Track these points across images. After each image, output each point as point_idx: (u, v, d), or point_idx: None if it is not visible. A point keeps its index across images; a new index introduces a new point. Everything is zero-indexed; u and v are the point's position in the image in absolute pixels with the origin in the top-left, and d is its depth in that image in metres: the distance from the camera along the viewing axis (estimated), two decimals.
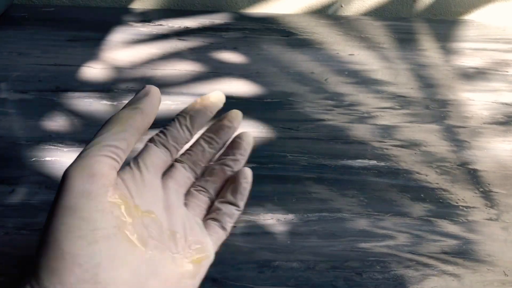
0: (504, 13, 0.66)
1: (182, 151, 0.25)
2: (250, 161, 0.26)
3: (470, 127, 0.43)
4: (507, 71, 0.52)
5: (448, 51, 0.55)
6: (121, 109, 0.22)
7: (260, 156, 0.39)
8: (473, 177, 0.38)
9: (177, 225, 0.22)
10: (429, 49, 0.55)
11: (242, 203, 0.25)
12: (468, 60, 0.54)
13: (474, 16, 0.66)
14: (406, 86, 0.49)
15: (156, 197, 0.23)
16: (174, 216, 0.23)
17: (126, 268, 0.19)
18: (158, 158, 0.23)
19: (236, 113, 0.26)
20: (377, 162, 0.39)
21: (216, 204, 0.25)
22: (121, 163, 0.21)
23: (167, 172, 0.25)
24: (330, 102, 0.46)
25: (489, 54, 0.55)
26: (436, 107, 0.46)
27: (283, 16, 0.62)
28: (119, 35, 0.55)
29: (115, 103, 0.44)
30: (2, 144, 0.39)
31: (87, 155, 0.19)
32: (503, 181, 0.37)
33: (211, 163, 0.26)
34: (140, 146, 0.24)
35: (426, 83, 0.49)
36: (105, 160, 0.20)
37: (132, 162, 0.23)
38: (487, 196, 0.36)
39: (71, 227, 0.18)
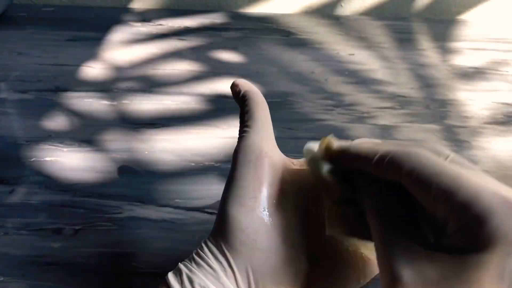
0: (504, 13, 0.66)
1: None
2: None
3: (470, 127, 0.43)
4: (507, 71, 0.52)
5: (447, 51, 0.55)
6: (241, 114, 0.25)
7: None
8: None
9: None
10: (429, 49, 0.55)
11: None
12: (468, 60, 0.54)
13: (474, 16, 0.66)
14: (406, 86, 0.49)
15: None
16: None
17: (284, 240, 0.20)
18: None
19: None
20: None
21: None
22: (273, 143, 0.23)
23: None
24: (330, 102, 0.46)
25: (488, 54, 0.55)
26: (436, 107, 0.46)
27: (283, 16, 0.62)
28: (119, 35, 0.55)
29: (114, 103, 0.44)
30: (2, 144, 0.39)
31: (249, 135, 0.23)
32: (503, 181, 0.37)
33: None
34: None
35: (426, 83, 0.49)
36: (258, 136, 0.22)
37: None
38: None
39: (234, 194, 0.21)
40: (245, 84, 0.26)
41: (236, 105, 0.26)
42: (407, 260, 0.16)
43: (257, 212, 0.20)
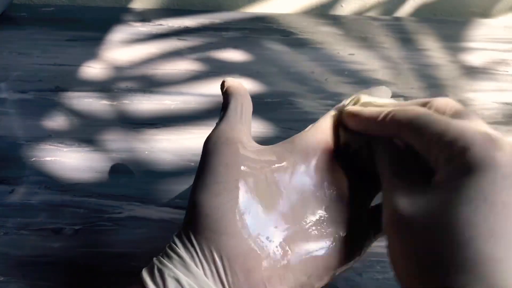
0: (503, 13, 0.66)
1: None
2: None
3: None
4: (507, 71, 0.52)
5: (448, 51, 0.55)
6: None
7: None
8: None
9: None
10: (429, 49, 0.55)
11: None
12: (469, 60, 0.53)
13: (474, 16, 0.66)
14: (407, 86, 0.49)
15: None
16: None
17: (253, 224, 0.20)
18: None
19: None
20: None
21: None
22: (247, 129, 0.24)
23: None
24: (330, 102, 0.46)
25: (489, 54, 0.55)
26: None
27: (283, 16, 0.62)
28: (119, 34, 0.55)
29: (114, 102, 0.44)
30: (2, 144, 0.39)
31: (218, 126, 0.24)
32: None
33: None
34: None
35: (427, 82, 0.49)
36: (228, 125, 0.23)
37: None
38: None
39: (202, 181, 0.21)
40: (231, 81, 0.26)
41: None
42: (405, 194, 0.19)
43: (224, 197, 0.20)
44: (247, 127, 0.24)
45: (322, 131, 0.24)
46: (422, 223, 0.17)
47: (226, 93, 0.26)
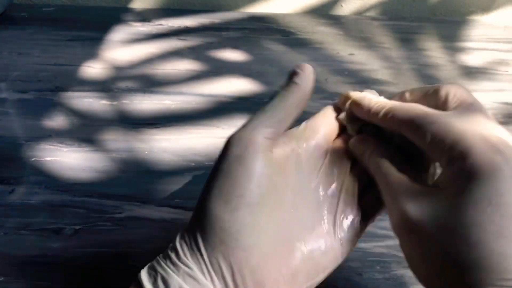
0: (504, 13, 0.66)
1: None
2: None
3: None
4: (507, 71, 0.52)
5: (448, 51, 0.55)
6: (281, 86, 0.24)
7: None
8: None
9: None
10: (429, 49, 0.55)
11: None
12: (469, 60, 0.53)
13: (474, 16, 0.66)
14: (407, 86, 0.49)
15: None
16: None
17: (266, 237, 0.20)
18: None
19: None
20: None
21: None
22: (278, 133, 0.22)
23: None
24: (330, 102, 0.46)
25: (489, 54, 0.55)
26: None
27: (283, 16, 0.62)
28: (118, 34, 0.55)
29: (114, 102, 0.44)
30: (2, 144, 0.39)
31: (248, 124, 0.21)
32: None
33: None
34: None
35: (427, 83, 0.49)
36: (262, 130, 0.21)
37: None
38: None
39: (220, 190, 0.20)
40: (309, 72, 0.24)
41: (237, 105, 0.26)
42: (411, 199, 0.19)
43: (242, 211, 0.19)
44: (281, 127, 0.22)
45: (313, 129, 0.24)
46: (432, 227, 0.18)
47: (292, 85, 0.24)
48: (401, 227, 0.19)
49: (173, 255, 0.19)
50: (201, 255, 0.19)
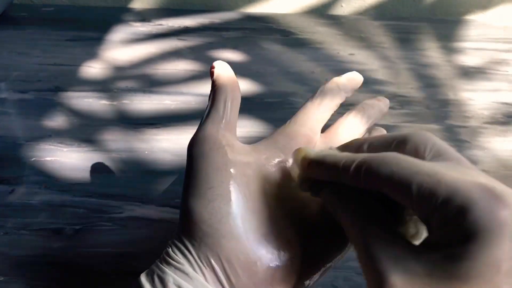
0: (504, 13, 0.66)
1: None
2: None
3: (471, 127, 0.43)
4: (507, 71, 0.52)
5: (448, 51, 0.55)
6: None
7: None
8: None
9: None
10: (429, 49, 0.55)
11: None
12: (469, 60, 0.54)
13: (474, 16, 0.66)
14: (406, 86, 0.49)
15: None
16: None
17: (247, 223, 0.20)
18: None
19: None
20: None
21: None
22: (230, 122, 0.23)
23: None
24: None
25: (489, 54, 0.55)
26: (436, 107, 0.46)
27: (283, 16, 0.62)
28: (119, 34, 0.55)
29: (114, 102, 0.44)
30: (2, 144, 0.39)
31: (201, 126, 0.23)
32: (504, 181, 0.37)
33: None
34: None
35: (426, 82, 0.49)
36: (215, 125, 0.23)
37: None
38: None
39: (194, 186, 0.21)
40: (220, 69, 0.25)
41: None
42: (393, 261, 0.16)
43: (218, 202, 0.20)
44: (233, 126, 0.24)
45: (301, 124, 0.25)
46: None
47: (214, 85, 0.25)
48: None
49: (166, 256, 0.20)
50: (189, 250, 0.20)
